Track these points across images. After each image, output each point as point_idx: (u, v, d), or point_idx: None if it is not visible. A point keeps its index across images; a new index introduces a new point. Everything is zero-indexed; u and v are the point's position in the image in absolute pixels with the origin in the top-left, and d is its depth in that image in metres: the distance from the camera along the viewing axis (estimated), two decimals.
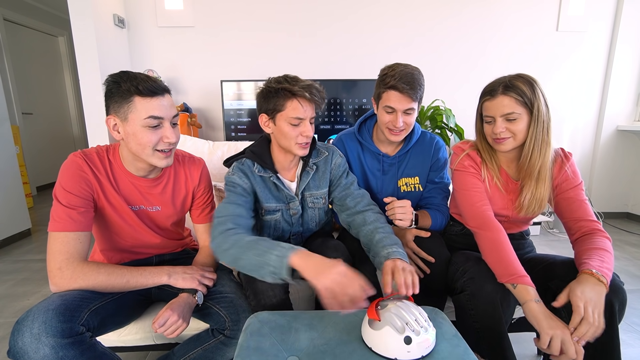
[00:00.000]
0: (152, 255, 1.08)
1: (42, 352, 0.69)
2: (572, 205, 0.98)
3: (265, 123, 1.02)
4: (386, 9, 2.60)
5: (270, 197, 1.06)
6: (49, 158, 4.07)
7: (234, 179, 1.02)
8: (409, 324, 0.69)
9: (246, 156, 1.07)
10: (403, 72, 1.02)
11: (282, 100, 0.95)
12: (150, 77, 0.85)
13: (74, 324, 0.74)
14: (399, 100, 1.03)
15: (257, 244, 0.82)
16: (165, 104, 0.86)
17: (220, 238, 0.88)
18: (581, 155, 2.90)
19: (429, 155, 1.22)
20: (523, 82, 0.92)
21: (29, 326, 0.70)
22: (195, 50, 2.61)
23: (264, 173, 1.04)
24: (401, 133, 1.10)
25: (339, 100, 2.42)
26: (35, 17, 3.88)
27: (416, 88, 1.02)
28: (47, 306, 0.74)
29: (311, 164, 1.11)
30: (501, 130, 0.94)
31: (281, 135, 0.99)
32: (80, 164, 0.88)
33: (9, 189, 2.37)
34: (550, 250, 2.31)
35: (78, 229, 0.84)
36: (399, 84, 1.01)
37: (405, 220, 1.05)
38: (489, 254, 0.94)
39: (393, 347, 0.67)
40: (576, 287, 0.79)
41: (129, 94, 0.83)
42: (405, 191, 1.23)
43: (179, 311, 0.85)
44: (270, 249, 0.79)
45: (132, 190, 0.96)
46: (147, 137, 0.85)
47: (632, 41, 2.68)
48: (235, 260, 0.84)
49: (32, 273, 1.96)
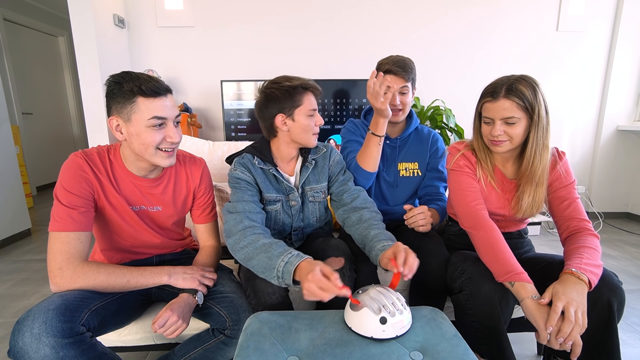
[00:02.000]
0: (152, 255, 1.08)
1: (42, 352, 0.69)
2: (563, 204, 0.99)
3: (282, 122, 1.05)
4: (386, 9, 2.60)
5: (271, 188, 1.09)
6: (49, 158, 4.07)
7: (236, 174, 1.05)
8: (386, 307, 0.74)
9: (246, 151, 1.12)
10: (395, 58, 1.19)
11: (299, 96, 1.03)
12: (153, 78, 0.85)
13: (74, 324, 0.74)
14: (394, 82, 1.16)
15: (270, 248, 0.88)
16: (168, 104, 0.87)
17: (238, 235, 0.93)
18: (581, 155, 2.90)
19: (427, 143, 1.32)
20: (526, 85, 0.91)
21: (30, 326, 0.70)
22: (195, 50, 2.61)
23: (263, 165, 1.08)
24: (399, 113, 1.21)
25: (339, 100, 2.42)
26: (35, 17, 3.88)
27: (408, 70, 1.18)
28: (48, 306, 0.74)
29: (310, 159, 1.14)
30: (499, 133, 0.94)
31: (300, 130, 1.05)
32: (81, 163, 0.88)
33: (9, 189, 2.37)
34: (550, 250, 2.31)
35: (79, 228, 0.84)
36: (392, 67, 1.16)
37: (426, 225, 1.10)
38: (485, 254, 0.94)
39: (369, 327, 0.73)
40: (557, 287, 0.80)
41: (131, 95, 0.82)
42: (404, 175, 1.31)
43: (179, 312, 0.85)
44: (281, 254, 0.85)
45: (132, 190, 0.96)
46: (150, 137, 0.85)
47: (632, 41, 2.68)
48: (248, 259, 0.90)
49: (32, 273, 1.97)
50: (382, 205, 1.30)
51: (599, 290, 0.84)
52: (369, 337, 0.73)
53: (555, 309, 0.76)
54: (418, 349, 0.71)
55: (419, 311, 0.83)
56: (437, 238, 1.12)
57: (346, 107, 2.43)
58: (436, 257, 1.04)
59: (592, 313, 0.79)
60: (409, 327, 0.76)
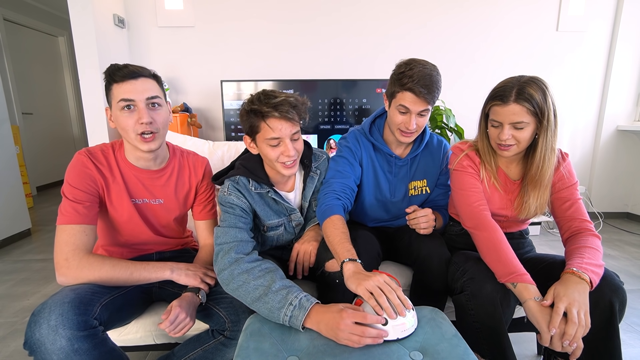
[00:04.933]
0: (152, 252, 1.09)
1: (58, 343, 0.70)
2: (565, 205, 0.99)
3: (250, 145, 1.00)
4: (386, 9, 2.60)
5: (271, 213, 1.04)
6: (49, 158, 4.07)
7: (231, 199, 0.97)
8: None
9: (238, 173, 1.01)
10: (421, 72, 0.96)
11: (256, 122, 0.92)
12: (130, 65, 0.89)
13: (88, 317, 0.76)
14: (414, 103, 0.99)
15: (266, 297, 0.79)
16: (138, 87, 0.88)
17: (226, 274, 0.86)
18: (581, 156, 2.90)
19: (439, 158, 1.21)
20: (536, 89, 0.88)
21: (46, 318, 0.71)
22: (195, 50, 2.60)
23: (260, 189, 1.01)
24: (412, 135, 1.07)
25: (339, 100, 2.42)
26: (35, 17, 3.88)
27: (433, 91, 0.98)
28: (63, 299, 0.75)
29: (314, 169, 1.11)
30: (507, 137, 0.92)
31: (264, 157, 0.98)
32: (84, 161, 0.92)
33: (9, 189, 2.36)
34: (550, 250, 2.31)
35: (84, 221, 0.87)
36: (416, 87, 0.95)
37: (428, 228, 1.07)
38: (487, 254, 0.94)
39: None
40: (559, 288, 0.80)
41: (109, 84, 0.88)
42: (413, 195, 1.21)
43: (187, 309, 0.86)
44: (281, 308, 0.77)
45: (135, 183, 0.98)
46: (124, 121, 0.88)
47: (632, 41, 2.68)
48: (243, 298, 0.83)
49: (32, 273, 1.96)
50: (381, 215, 1.24)
51: (600, 290, 0.83)
52: None
53: (557, 311, 0.76)
54: (418, 349, 0.71)
55: (419, 311, 0.83)
56: (439, 238, 1.11)
57: (346, 107, 2.43)
58: (437, 257, 1.04)
59: (593, 313, 0.79)
60: (413, 331, 0.75)
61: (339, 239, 0.91)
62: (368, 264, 0.92)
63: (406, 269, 1.19)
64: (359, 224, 1.26)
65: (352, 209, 1.24)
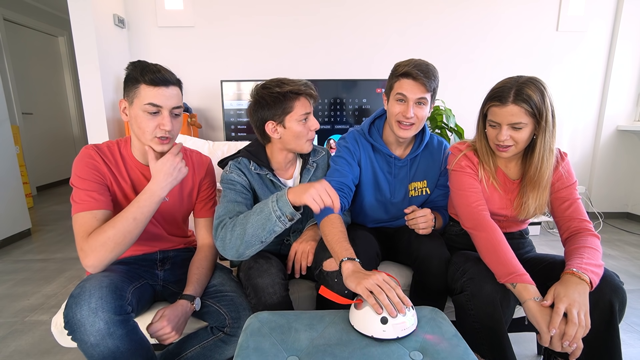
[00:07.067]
0: (156, 250, 1.08)
1: (97, 325, 0.72)
2: (564, 205, 0.99)
3: (273, 130, 1.02)
4: (385, 9, 2.60)
5: (269, 194, 1.07)
6: (49, 158, 4.07)
7: (232, 176, 1.04)
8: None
9: (241, 155, 1.09)
10: (417, 62, 1.02)
11: (290, 102, 0.99)
12: (162, 69, 0.91)
13: (123, 302, 0.78)
14: (411, 89, 1.01)
15: (251, 211, 0.90)
16: (167, 95, 0.90)
17: (221, 231, 0.92)
18: (581, 156, 2.90)
19: (439, 159, 1.21)
20: (534, 90, 0.88)
21: (87, 300, 0.74)
22: (195, 50, 2.61)
23: (260, 171, 1.06)
24: (411, 128, 1.06)
25: (339, 100, 2.42)
26: (35, 17, 3.88)
27: (430, 77, 1.00)
28: (100, 283, 0.77)
29: (311, 162, 1.13)
30: (505, 138, 0.93)
31: (292, 137, 1.02)
32: (92, 154, 0.94)
33: (9, 189, 2.37)
34: (550, 250, 2.31)
35: (95, 207, 0.88)
36: (413, 70, 0.99)
37: (427, 228, 1.07)
38: (487, 255, 0.94)
39: (370, 326, 0.73)
40: (559, 288, 0.80)
41: (136, 81, 0.89)
42: (413, 196, 1.21)
43: (174, 323, 0.87)
44: (266, 203, 0.87)
45: (141, 180, 0.99)
46: (145, 122, 0.90)
47: (632, 41, 2.68)
48: (242, 236, 0.88)
49: (32, 273, 1.96)
50: (381, 216, 1.24)
51: (600, 291, 0.83)
52: (370, 336, 0.73)
53: (557, 311, 0.76)
54: (418, 349, 0.71)
55: (419, 311, 0.83)
56: (438, 238, 1.11)
57: (346, 107, 2.43)
58: (437, 257, 1.04)
59: (593, 313, 0.79)
60: (413, 330, 0.75)
61: (337, 238, 0.91)
62: (367, 265, 0.92)
63: (406, 269, 1.19)
64: (358, 224, 1.27)
65: (352, 210, 1.25)
